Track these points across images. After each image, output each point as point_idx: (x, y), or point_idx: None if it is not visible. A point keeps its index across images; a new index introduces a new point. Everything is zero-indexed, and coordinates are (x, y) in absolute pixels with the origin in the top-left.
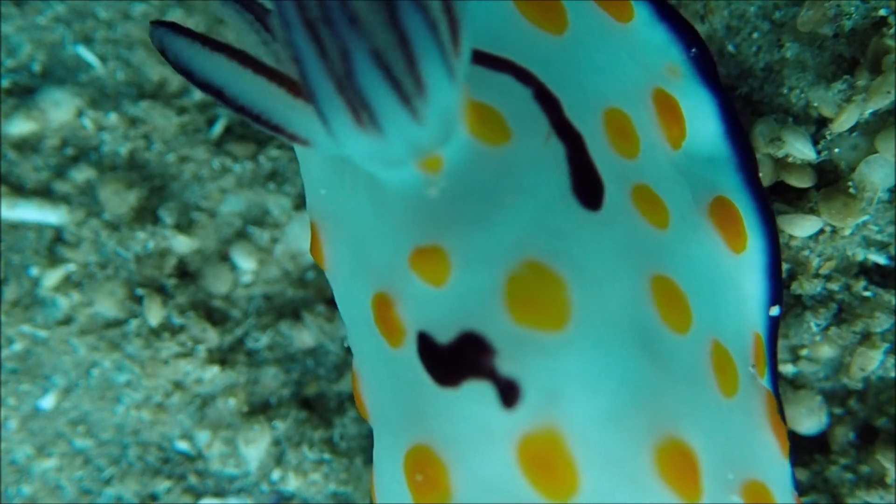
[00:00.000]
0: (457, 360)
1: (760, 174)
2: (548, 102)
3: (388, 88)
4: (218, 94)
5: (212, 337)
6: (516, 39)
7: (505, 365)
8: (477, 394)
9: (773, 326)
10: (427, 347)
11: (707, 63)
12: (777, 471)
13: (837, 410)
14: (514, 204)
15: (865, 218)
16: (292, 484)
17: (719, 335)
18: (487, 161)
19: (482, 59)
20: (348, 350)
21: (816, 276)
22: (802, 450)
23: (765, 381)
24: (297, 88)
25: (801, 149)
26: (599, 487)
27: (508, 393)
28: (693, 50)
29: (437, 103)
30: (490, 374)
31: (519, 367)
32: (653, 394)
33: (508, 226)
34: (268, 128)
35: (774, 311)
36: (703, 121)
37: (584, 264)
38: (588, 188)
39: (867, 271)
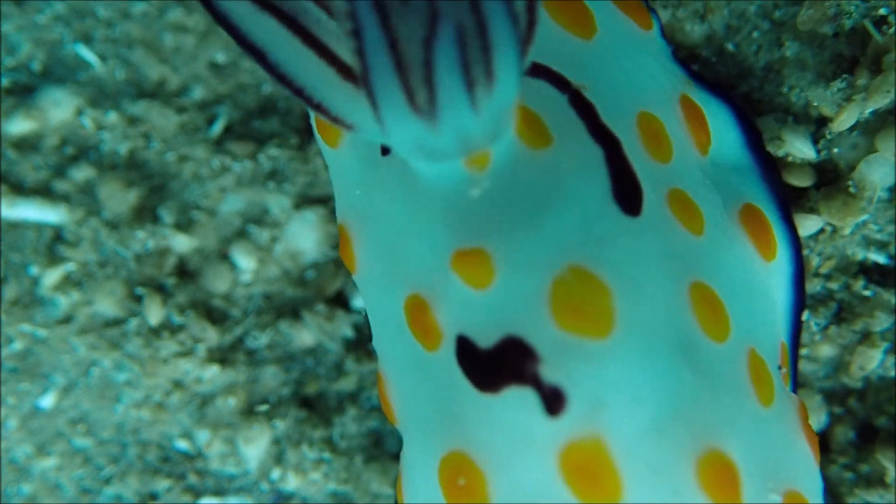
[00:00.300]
0: (498, 365)
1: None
2: (583, 108)
3: (458, 71)
4: (260, 57)
5: (211, 336)
6: (549, 44)
7: (549, 372)
8: (519, 400)
9: (797, 335)
10: (467, 351)
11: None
12: (812, 480)
13: (837, 410)
14: (558, 209)
15: (865, 217)
16: (292, 483)
17: (755, 344)
18: (531, 164)
19: None
20: (348, 351)
21: (816, 275)
22: None
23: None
24: (347, 71)
25: (801, 148)
26: (642, 498)
27: (553, 400)
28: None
29: (500, 98)
30: (533, 381)
31: (564, 375)
32: (694, 404)
33: (553, 231)
34: (309, 104)
35: (805, 316)
36: (724, 129)
37: (626, 271)
38: (628, 193)
39: (867, 270)
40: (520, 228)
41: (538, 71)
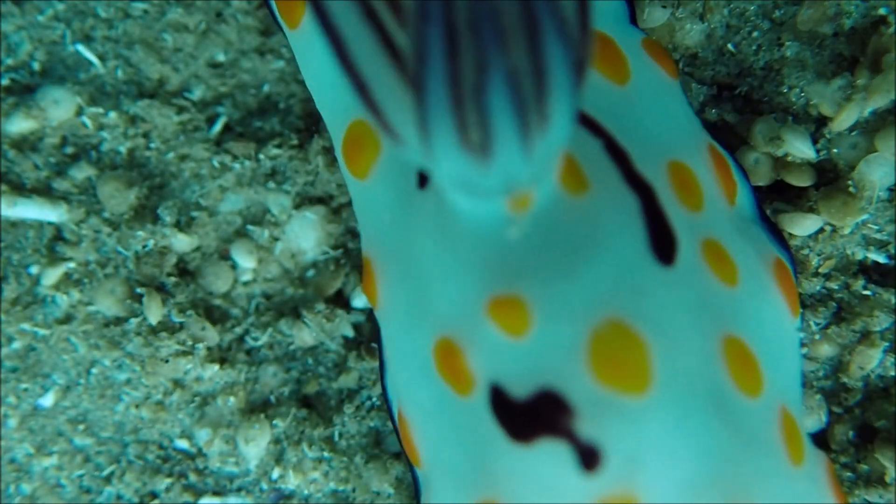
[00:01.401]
0: (533, 416)
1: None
2: (617, 154)
3: (514, 114)
4: (337, 44)
5: (211, 335)
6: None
7: (585, 427)
8: (552, 453)
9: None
10: (500, 401)
11: None
12: None
13: (836, 409)
14: (595, 258)
15: (865, 217)
16: (292, 482)
17: (786, 400)
18: (569, 210)
19: None
20: (348, 350)
21: (816, 274)
22: None
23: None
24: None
25: (800, 147)
26: None
27: (588, 456)
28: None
29: (552, 142)
30: (568, 435)
31: (601, 431)
32: (728, 464)
33: (591, 281)
34: (367, 105)
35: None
36: (741, 182)
37: (663, 325)
38: (663, 242)
39: (866, 270)
40: (557, 277)
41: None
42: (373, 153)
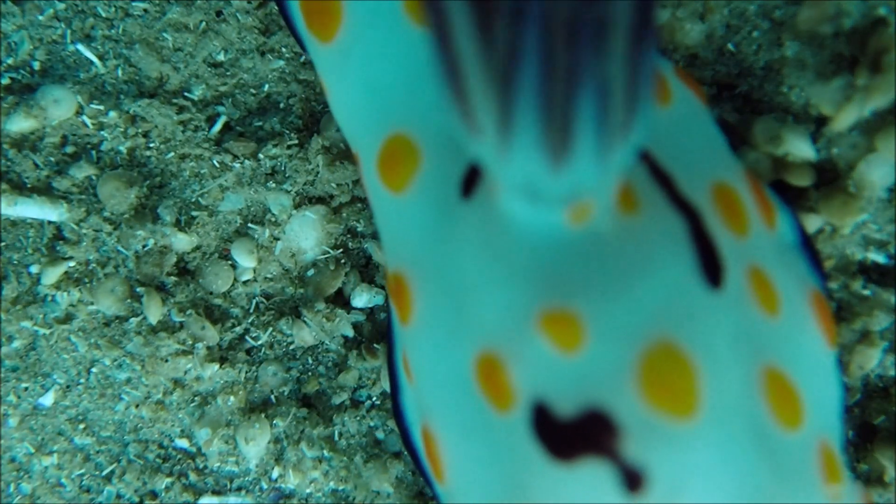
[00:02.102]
0: (577, 434)
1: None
2: (661, 178)
3: (600, 123)
4: (441, 27)
5: (211, 335)
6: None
7: (632, 448)
8: (594, 474)
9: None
10: (543, 418)
11: None
12: None
13: None
14: (647, 278)
15: (865, 217)
16: (292, 481)
17: (826, 435)
18: (622, 227)
19: None
20: (349, 349)
21: None
22: None
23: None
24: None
25: (800, 147)
26: None
27: (633, 479)
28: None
29: (627, 153)
30: (613, 455)
31: (647, 453)
32: (766, 497)
33: (643, 301)
34: (454, 90)
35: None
36: (782, 206)
37: (711, 350)
38: (711, 266)
39: (866, 270)
40: (611, 294)
41: None
42: (412, 166)
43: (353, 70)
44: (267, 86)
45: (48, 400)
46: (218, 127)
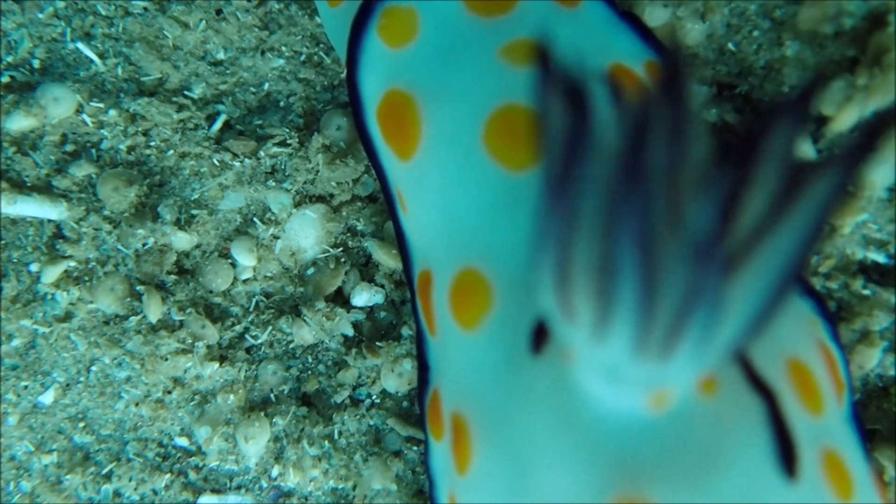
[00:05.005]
0: None
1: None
2: (739, 356)
3: (708, 336)
4: (563, 220)
5: (211, 333)
6: None
7: None
8: None
9: None
10: None
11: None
12: None
13: None
14: (723, 469)
15: (865, 216)
16: (291, 480)
17: None
18: (698, 412)
19: None
20: (348, 348)
21: (815, 274)
22: None
23: None
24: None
25: (800, 147)
26: None
27: None
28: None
29: (722, 348)
30: None
31: None
32: None
33: (717, 492)
34: (558, 281)
35: None
36: (848, 380)
37: None
38: (786, 453)
39: (866, 270)
40: (685, 486)
41: None
42: (484, 305)
43: (429, 192)
44: (267, 84)
45: (48, 398)
46: (218, 125)
